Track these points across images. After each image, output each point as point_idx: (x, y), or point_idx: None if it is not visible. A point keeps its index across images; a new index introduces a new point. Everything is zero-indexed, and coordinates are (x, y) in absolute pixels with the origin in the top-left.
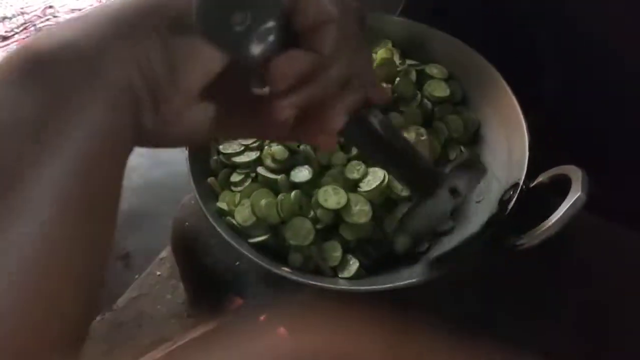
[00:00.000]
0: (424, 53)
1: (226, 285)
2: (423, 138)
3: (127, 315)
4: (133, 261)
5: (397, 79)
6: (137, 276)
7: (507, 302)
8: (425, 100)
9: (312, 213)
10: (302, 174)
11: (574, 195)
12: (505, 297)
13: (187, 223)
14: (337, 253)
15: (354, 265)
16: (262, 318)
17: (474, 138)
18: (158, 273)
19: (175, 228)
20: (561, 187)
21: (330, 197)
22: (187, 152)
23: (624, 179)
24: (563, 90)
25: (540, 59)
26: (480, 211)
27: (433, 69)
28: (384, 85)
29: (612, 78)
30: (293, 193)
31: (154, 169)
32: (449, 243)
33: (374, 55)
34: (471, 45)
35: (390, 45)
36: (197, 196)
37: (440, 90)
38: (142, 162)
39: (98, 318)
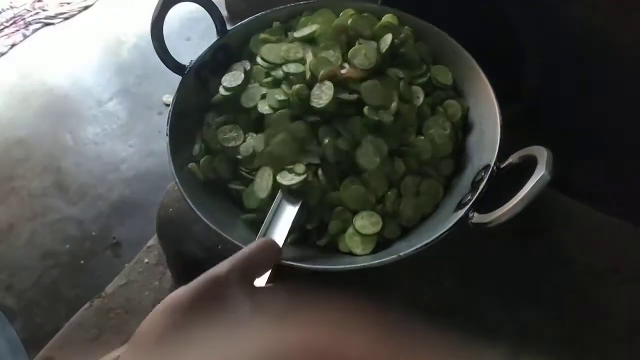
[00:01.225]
0: None
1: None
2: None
3: (115, 302)
4: (122, 250)
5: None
6: (126, 265)
7: (484, 286)
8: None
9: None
10: None
11: (538, 174)
12: (482, 281)
13: (171, 210)
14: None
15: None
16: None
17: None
18: (146, 260)
19: (160, 215)
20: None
21: None
22: (167, 139)
23: (609, 165)
24: (544, 76)
25: (522, 46)
26: (455, 193)
27: None
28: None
29: (593, 64)
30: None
31: (144, 159)
32: (424, 225)
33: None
34: (450, 32)
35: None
36: (176, 181)
37: (444, 77)
38: (132, 153)
39: (86, 305)
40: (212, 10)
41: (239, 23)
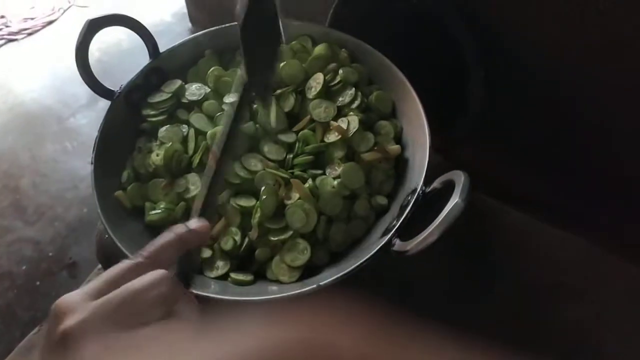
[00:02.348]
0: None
1: None
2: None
3: None
4: (78, 270)
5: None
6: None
7: (445, 285)
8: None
9: None
10: None
11: (452, 202)
12: (443, 280)
13: (106, 236)
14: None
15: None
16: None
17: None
18: None
19: (97, 241)
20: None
21: None
22: (92, 167)
23: (557, 177)
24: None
25: (467, 64)
26: (387, 217)
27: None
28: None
29: (529, 80)
30: None
31: None
32: (355, 249)
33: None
34: (394, 52)
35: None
36: (99, 212)
37: (384, 105)
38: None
39: (35, 330)
40: (142, 33)
41: (171, 46)
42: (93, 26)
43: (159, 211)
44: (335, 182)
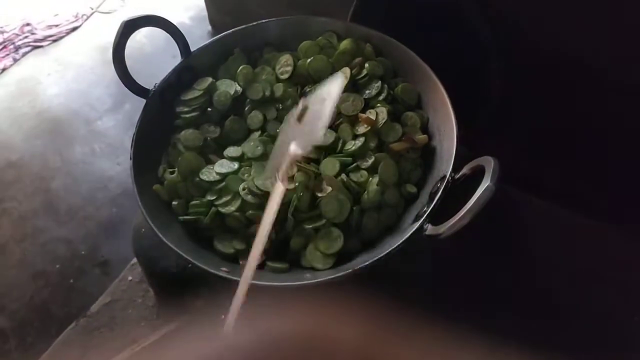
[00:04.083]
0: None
1: (185, 286)
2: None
3: (100, 320)
4: (111, 268)
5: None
6: (114, 282)
7: (460, 286)
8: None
9: None
10: None
11: (484, 185)
12: (459, 282)
13: (143, 229)
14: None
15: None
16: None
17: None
18: (130, 278)
19: (135, 235)
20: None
21: None
22: (131, 162)
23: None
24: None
25: (487, 52)
26: (417, 204)
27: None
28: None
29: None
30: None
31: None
32: (388, 236)
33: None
34: (416, 43)
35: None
36: (140, 204)
37: (410, 96)
38: (119, 171)
39: (72, 325)
40: (174, 33)
41: (201, 45)
42: (128, 27)
43: (189, 217)
44: (376, 180)
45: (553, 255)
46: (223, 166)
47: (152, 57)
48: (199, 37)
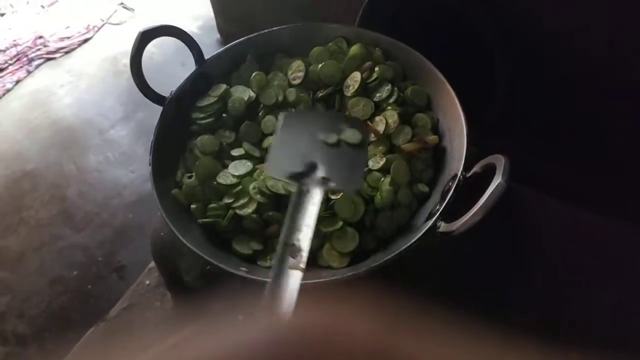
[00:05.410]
0: None
1: (203, 289)
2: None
3: (119, 324)
4: (127, 273)
5: (377, 67)
6: (132, 287)
7: (473, 283)
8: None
9: None
10: None
11: (495, 182)
12: (472, 278)
13: (162, 233)
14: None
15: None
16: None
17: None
18: (147, 282)
19: (153, 239)
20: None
21: None
22: (150, 168)
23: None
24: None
25: (492, 52)
26: (429, 203)
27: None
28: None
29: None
30: None
31: (145, 184)
32: (401, 234)
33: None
34: (422, 45)
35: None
36: (160, 208)
37: (420, 98)
38: (133, 178)
39: (91, 329)
40: (189, 42)
41: (215, 53)
42: (145, 37)
43: (207, 220)
44: (388, 181)
45: (565, 253)
46: (237, 168)
47: (163, 66)
48: (208, 45)
